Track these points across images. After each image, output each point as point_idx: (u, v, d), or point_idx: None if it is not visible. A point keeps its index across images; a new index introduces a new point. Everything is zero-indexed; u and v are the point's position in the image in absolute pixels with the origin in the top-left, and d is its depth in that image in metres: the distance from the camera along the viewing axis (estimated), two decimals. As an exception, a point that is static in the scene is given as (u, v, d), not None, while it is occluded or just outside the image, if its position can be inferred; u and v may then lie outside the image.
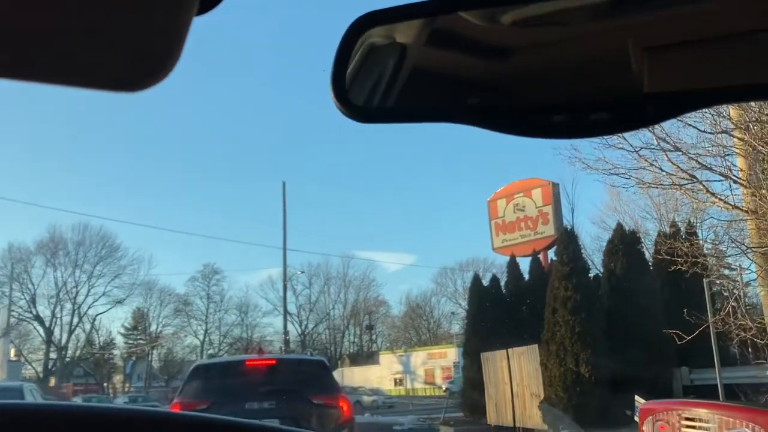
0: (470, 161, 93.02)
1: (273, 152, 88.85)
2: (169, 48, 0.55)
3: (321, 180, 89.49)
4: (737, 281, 15.22)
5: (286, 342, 34.56)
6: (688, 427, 1.97)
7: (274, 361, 7.64)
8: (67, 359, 59.16)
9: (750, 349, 14.21)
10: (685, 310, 12.58)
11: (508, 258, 22.82)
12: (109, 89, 0.57)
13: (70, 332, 59.66)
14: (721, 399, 13.72)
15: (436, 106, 0.88)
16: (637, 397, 13.28)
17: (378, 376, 63.29)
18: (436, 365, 58.67)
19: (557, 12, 0.81)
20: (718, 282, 16.89)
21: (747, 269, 13.90)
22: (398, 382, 62.41)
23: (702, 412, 1.91)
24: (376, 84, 0.85)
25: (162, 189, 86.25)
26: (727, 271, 17.41)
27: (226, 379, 7.22)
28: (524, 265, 21.41)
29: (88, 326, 61.23)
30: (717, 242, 19.40)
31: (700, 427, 1.92)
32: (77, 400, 38.36)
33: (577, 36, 0.83)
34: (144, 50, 0.55)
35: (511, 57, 0.84)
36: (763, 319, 12.07)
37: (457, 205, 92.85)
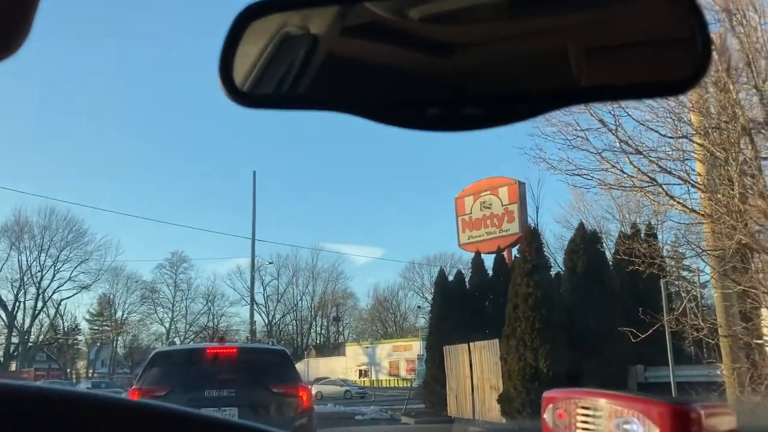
0: (439, 157, 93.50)
1: (245, 142, 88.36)
2: (15, 24, 0.57)
3: (292, 171, 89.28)
4: (694, 282, 15.63)
5: (252, 332, 34.54)
6: (582, 415, 2.12)
7: (234, 350, 7.70)
8: (30, 344, 58.29)
9: (704, 348, 14.61)
10: (640, 309, 12.93)
11: (473, 254, 23.09)
12: None
13: (34, 317, 58.76)
14: (673, 395, 14.14)
15: (318, 93, 0.91)
16: (592, 393, 13.64)
17: (343, 367, 63.44)
18: (400, 358, 59.05)
19: (458, 11, 0.88)
20: (676, 283, 17.36)
21: (703, 271, 14.30)
22: (363, 374, 62.66)
23: (598, 401, 2.05)
24: (262, 70, 0.89)
25: (132, 176, 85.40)
26: (686, 273, 17.85)
27: (185, 366, 7.27)
28: (489, 261, 21.72)
29: (52, 311, 60.42)
30: (676, 244, 19.93)
31: (592, 416, 2.07)
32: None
33: (469, 34, 0.89)
34: None
35: (409, 51, 0.89)
36: (716, 319, 12.44)
37: (427, 201, 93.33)
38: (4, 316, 57.79)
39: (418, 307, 68.06)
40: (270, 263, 58.38)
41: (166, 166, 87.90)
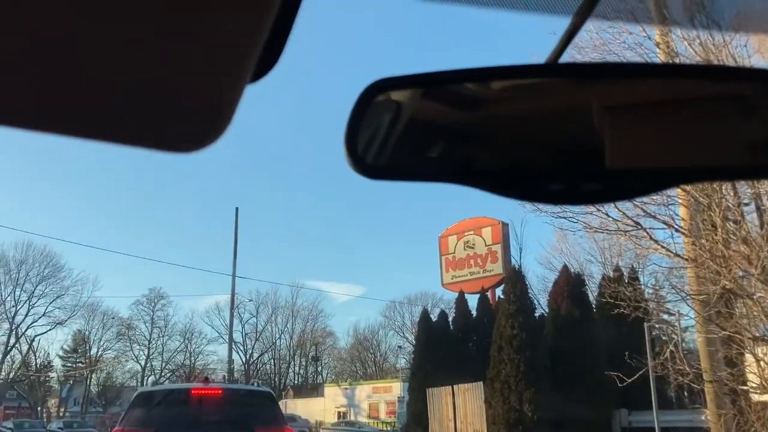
0: (422, 196, 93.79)
1: (225, 178, 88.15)
2: (220, 113, 0.57)
3: (272, 208, 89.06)
4: (676, 326, 15.64)
5: (231, 371, 34.00)
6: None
7: (219, 391, 7.55)
8: (0, 381, 56.87)
9: (686, 393, 14.58)
10: (626, 353, 12.92)
11: (456, 294, 23.05)
12: (159, 149, 0.60)
13: (6, 353, 57.41)
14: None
15: (441, 166, 0.93)
16: (577, 438, 13.51)
17: (321, 409, 62.47)
18: (380, 399, 58.28)
19: (551, 84, 0.90)
20: (657, 326, 17.41)
21: (686, 315, 14.33)
22: (342, 416, 61.73)
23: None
24: (384, 143, 0.91)
25: (110, 211, 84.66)
26: (666, 316, 17.87)
27: (170, 407, 7.09)
28: (472, 301, 21.67)
29: (25, 347, 59.11)
30: (657, 287, 20.05)
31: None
32: (8, 424, 36.92)
33: (577, 109, 0.90)
34: (196, 115, 0.57)
35: (515, 123, 0.92)
36: (700, 364, 12.43)
37: (409, 239, 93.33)
38: (-25, 352, 56.54)
39: (399, 347, 67.49)
40: (250, 300, 57.78)
41: (146, 201, 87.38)
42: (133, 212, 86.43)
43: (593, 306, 18.09)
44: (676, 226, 11.71)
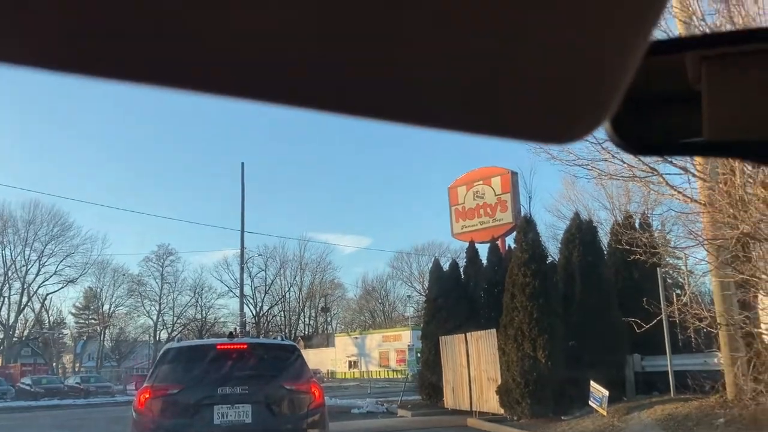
0: (429, 146, 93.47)
1: (231, 133, 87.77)
2: (609, 92, 0.42)
3: (279, 162, 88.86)
4: (686, 270, 15.63)
5: (243, 324, 34.36)
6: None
7: (245, 346, 7.61)
8: (15, 339, 57.74)
9: (701, 338, 14.71)
10: (641, 299, 13.00)
11: (464, 243, 23.10)
12: (533, 141, 0.49)
13: (19, 312, 58.19)
14: (671, 384, 14.23)
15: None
16: (593, 384, 13.68)
17: (332, 359, 63.51)
18: (390, 348, 59.11)
19: None
20: (670, 272, 17.47)
21: (698, 259, 14.27)
22: (353, 365, 62.72)
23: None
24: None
25: (118, 169, 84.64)
26: (671, 260, 17.88)
27: (197, 363, 7.14)
28: (482, 250, 21.72)
29: (37, 306, 59.86)
30: (665, 232, 20.18)
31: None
32: (27, 381, 37.57)
33: None
34: (581, 98, 0.43)
35: None
36: (714, 308, 12.54)
37: (414, 190, 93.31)
38: (-12, 311, 57.28)
39: (408, 296, 68.21)
40: (259, 255, 58.22)
41: (152, 157, 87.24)
42: (138, 170, 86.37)
43: (605, 252, 18.09)
44: (693, 172, 11.63)
